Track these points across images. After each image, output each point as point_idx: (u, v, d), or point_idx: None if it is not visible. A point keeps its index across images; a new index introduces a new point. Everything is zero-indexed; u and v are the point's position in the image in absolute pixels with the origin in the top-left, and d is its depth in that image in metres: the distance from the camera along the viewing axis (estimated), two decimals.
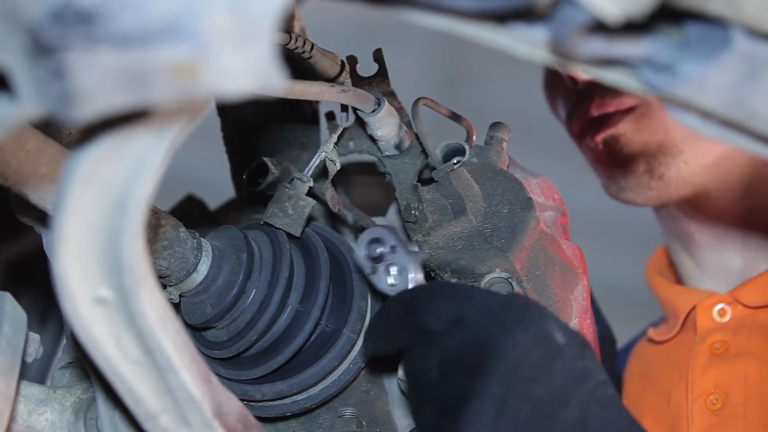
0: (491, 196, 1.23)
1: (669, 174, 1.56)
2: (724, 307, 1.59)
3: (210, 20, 0.66)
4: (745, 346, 1.53)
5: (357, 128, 1.32)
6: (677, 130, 1.54)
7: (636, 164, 1.57)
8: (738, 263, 1.64)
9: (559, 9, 0.75)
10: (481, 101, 3.40)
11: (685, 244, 1.68)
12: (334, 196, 1.28)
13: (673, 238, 1.71)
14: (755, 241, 1.62)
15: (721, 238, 1.63)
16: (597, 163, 1.63)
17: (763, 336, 1.53)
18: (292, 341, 1.20)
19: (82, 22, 0.65)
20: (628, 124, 1.57)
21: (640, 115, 1.56)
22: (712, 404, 1.51)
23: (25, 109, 0.69)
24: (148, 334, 0.87)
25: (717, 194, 1.59)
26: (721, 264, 1.65)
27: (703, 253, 1.66)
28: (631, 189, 1.59)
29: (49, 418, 1.19)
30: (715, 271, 1.65)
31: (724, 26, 0.77)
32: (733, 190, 1.58)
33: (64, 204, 0.77)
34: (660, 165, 1.56)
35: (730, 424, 1.48)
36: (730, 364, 1.53)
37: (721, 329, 1.58)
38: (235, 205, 1.48)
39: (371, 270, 1.13)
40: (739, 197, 1.59)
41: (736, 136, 0.85)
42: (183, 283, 1.14)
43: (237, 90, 0.68)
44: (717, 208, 1.61)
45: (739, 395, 1.49)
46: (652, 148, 1.56)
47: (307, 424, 1.27)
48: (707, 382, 1.54)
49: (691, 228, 1.65)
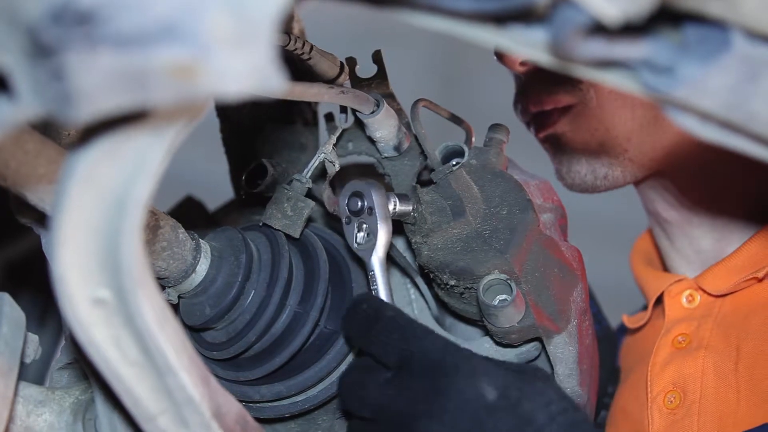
0: (490, 197, 1.23)
1: (613, 173, 1.54)
2: (692, 292, 1.57)
3: (209, 21, 0.66)
4: (705, 339, 1.51)
5: (356, 130, 1.32)
6: (619, 129, 1.51)
7: (579, 165, 1.55)
8: (708, 244, 1.61)
9: (558, 10, 0.75)
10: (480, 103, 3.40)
11: (658, 221, 1.66)
12: (332, 198, 1.28)
13: (648, 213, 1.69)
14: (723, 222, 1.59)
15: (690, 219, 1.61)
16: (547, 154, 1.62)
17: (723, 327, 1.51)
18: (291, 342, 1.20)
19: (81, 23, 0.65)
20: (566, 124, 1.53)
21: (577, 114, 1.52)
22: (670, 402, 1.49)
23: (24, 110, 0.69)
24: (146, 335, 0.87)
25: (675, 178, 1.57)
26: (693, 245, 1.62)
27: (672, 230, 1.64)
28: (577, 186, 1.57)
29: (48, 419, 1.19)
30: (688, 252, 1.63)
31: (723, 28, 0.77)
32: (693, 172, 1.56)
33: (63, 205, 0.77)
34: (603, 166, 1.53)
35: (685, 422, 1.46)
36: (689, 359, 1.50)
37: (688, 318, 1.55)
38: (234, 207, 1.48)
39: (346, 221, 1.21)
40: (699, 179, 1.57)
41: (735, 139, 0.85)
42: (182, 284, 1.14)
43: (236, 91, 0.68)
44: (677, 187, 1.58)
45: (695, 392, 1.47)
46: (594, 148, 1.53)
47: (306, 426, 1.27)
48: (665, 379, 1.51)
49: (660, 208, 1.63)
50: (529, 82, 1.54)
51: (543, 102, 1.53)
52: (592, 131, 1.52)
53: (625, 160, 1.53)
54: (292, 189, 1.24)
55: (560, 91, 1.52)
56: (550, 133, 1.55)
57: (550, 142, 1.57)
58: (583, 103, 1.51)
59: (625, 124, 1.50)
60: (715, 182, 1.57)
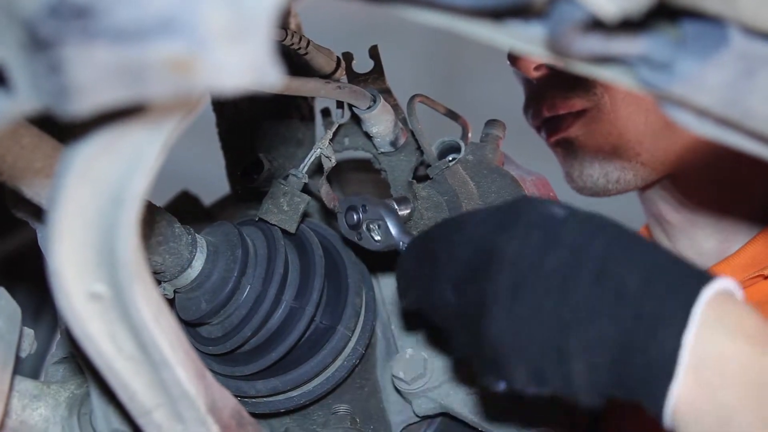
0: (486, 193, 1.23)
1: (626, 177, 1.55)
2: None
3: (206, 16, 0.66)
4: None
5: (353, 125, 1.32)
6: (632, 133, 1.52)
7: (591, 169, 1.56)
8: (711, 245, 1.62)
9: (555, 6, 0.75)
10: (476, 98, 3.40)
11: (660, 223, 1.67)
12: (329, 193, 1.28)
13: (649, 216, 1.70)
14: (727, 224, 1.60)
15: (692, 219, 1.62)
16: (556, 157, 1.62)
17: None
18: (287, 338, 1.20)
19: (78, 16, 0.64)
20: (580, 129, 1.55)
21: (591, 118, 1.54)
22: None
23: (21, 104, 0.69)
24: (142, 330, 0.87)
25: (683, 179, 1.58)
26: (694, 245, 1.63)
27: (675, 233, 1.65)
28: (589, 189, 1.58)
29: (43, 413, 1.19)
30: (690, 254, 1.64)
31: (721, 25, 0.77)
32: (700, 175, 1.57)
33: (59, 199, 0.77)
34: (615, 169, 1.54)
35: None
36: None
37: None
38: (230, 201, 1.48)
39: (357, 237, 1.19)
40: (706, 181, 1.58)
41: (732, 135, 0.85)
42: (178, 278, 1.14)
43: (233, 86, 0.68)
44: (684, 191, 1.59)
45: None
46: (607, 152, 1.54)
47: (301, 421, 1.27)
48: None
49: (662, 207, 1.64)
50: (543, 87, 1.55)
51: (557, 106, 1.54)
52: (606, 135, 1.53)
53: (638, 163, 1.54)
54: (288, 184, 1.23)
55: (574, 96, 1.53)
56: (563, 137, 1.56)
57: (562, 146, 1.58)
58: (597, 107, 1.53)
59: (639, 128, 1.51)
60: (720, 184, 1.58)
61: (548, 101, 1.55)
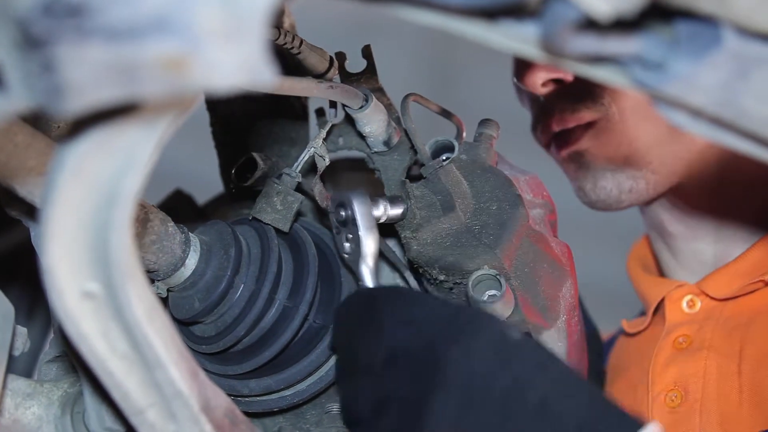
0: (480, 192, 1.23)
1: (638, 186, 1.55)
2: (693, 298, 1.59)
3: (200, 15, 0.66)
4: (707, 340, 1.52)
5: (346, 124, 1.32)
6: (642, 141, 1.53)
7: (603, 180, 1.57)
8: (711, 253, 1.63)
9: (549, 6, 0.75)
10: (470, 98, 3.41)
11: (661, 234, 1.68)
12: (322, 192, 1.28)
13: (650, 228, 1.71)
14: (728, 232, 1.61)
15: (694, 229, 1.63)
16: (566, 172, 1.63)
17: (726, 329, 1.52)
18: (280, 337, 1.20)
19: (72, 15, 0.64)
20: (590, 140, 1.55)
21: (600, 130, 1.54)
22: (672, 401, 1.51)
23: (14, 102, 0.69)
24: (135, 329, 0.87)
25: (690, 188, 1.59)
26: (696, 254, 1.64)
27: (677, 243, 1.66)
28: (602, 202, 1.58)
29: (36, 412, 1.19)
30: (689, 261, 1.65)
31: (714, 25, 0.78)
32: (706, 183, 1.58)
33: (53, 198, 0.77)
34: (627, 179, 1.55)
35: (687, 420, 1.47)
36: (691, 359, 1.52)
37: (689, 322, 1.57)
38: (224, 200, 1.48)
39: (336, 231, 1.17)
40: (711, 189, 1.59)
41: (726, 135, 0.85)
42: (171, 277, 1.14)
43: (226, 85, 0.68)
44: (689, 201, 1.60)
45: (697, 391, 1.48)
46: (619, 162, 1.55)
47: (294, 420, 1.27)
48: (667, 378, 1.53)
49: (664, 218, 1.65)
50: (551, 102, 1.55)
51: (566, 120, 1.55)
52: (616, 145, 1.54)
53: (649, 172, 1.54)
54: (282, 183, 1.23)
55: (583, 108, 1.53)
56: (574, 150, 1.56)
57: (573, 159, 1.58)
58: (605, 118, 1.53)
59: (648, 136, 1.52)
60: (724, 193, 1.59)
61: (557, 116, 1.56)
